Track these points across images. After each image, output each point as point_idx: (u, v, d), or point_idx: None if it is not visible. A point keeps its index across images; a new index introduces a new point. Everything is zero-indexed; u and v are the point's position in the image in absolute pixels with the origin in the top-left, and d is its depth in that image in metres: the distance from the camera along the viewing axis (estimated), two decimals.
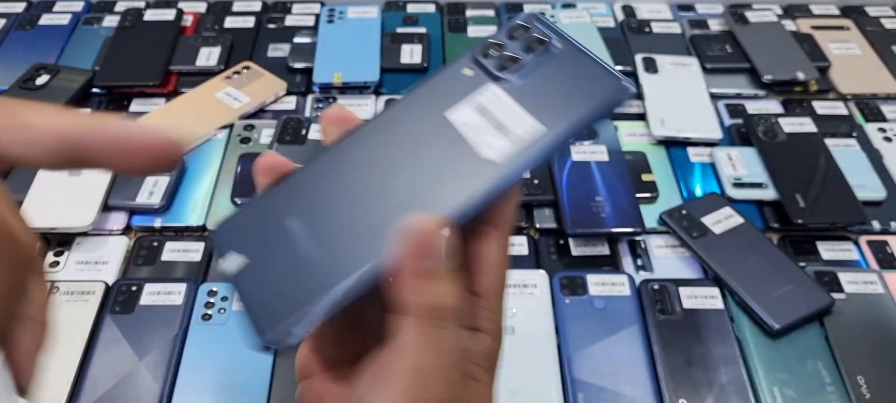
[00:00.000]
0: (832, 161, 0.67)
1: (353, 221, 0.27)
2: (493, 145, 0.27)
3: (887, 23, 0.88)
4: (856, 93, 0.79)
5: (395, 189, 0.27)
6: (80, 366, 0.52)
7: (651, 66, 0.78)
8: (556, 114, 0.27)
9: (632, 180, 0.66)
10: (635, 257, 0.61)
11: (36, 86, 0.73)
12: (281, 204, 0.28)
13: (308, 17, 0.86)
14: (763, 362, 0.53)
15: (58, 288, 0.56)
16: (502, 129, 0.27)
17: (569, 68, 0.28)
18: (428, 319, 0.24)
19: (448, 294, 0.24)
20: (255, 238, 0.28)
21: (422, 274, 0.24)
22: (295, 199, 0.28)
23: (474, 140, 0.27)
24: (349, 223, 0.27)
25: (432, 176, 0.27)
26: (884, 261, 0.61)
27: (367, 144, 0.28)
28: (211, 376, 0.52)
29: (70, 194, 0.61)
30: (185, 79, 0.77)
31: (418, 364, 0.23)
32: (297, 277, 0.26)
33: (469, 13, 0.88)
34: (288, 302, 0.26)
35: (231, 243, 0.28)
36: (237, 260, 0.27)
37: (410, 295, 0.24)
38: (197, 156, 0.69)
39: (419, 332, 0.24)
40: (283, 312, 0.26)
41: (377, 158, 0.28)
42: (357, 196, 0.27)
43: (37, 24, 0.84)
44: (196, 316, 0.55)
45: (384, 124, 0.29)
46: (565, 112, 0.27)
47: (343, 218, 0.27)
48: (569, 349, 0.53)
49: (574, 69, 0.28)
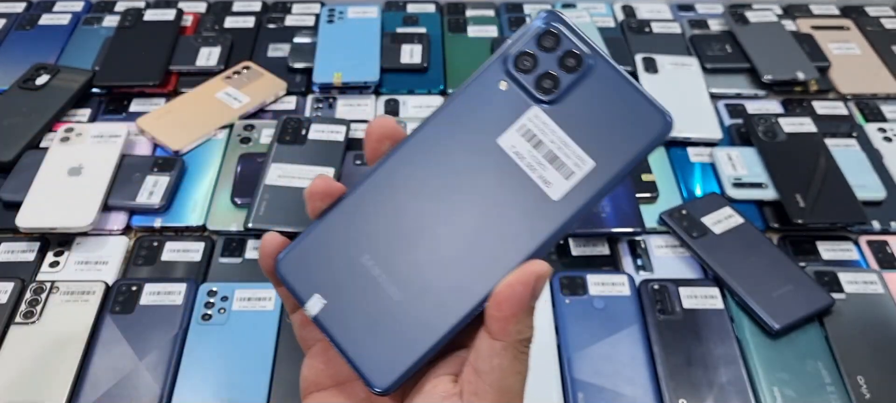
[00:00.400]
0: (832, 161, 0.67)
1: (442, 261, 0.27)
2: (552, 182, 0.27)
3: (887, 23, 0.88)
4: (856, 93, 0.79)
5: (476, 227, 0.27)
6: (80, 366, 0.52)
7: (651, 66, 0.78)
8: (604, 146, 0.27)
9: (632, 180, 0.66)
10: (635, 257, 0.61)
11: (36, 86, 0.73)
12: (350, 236, 0.28)
13: (308, 17, 0.86)
14: (763, 362, 0.53)
15: (58, 288, 0.56)
16: (556, 163, 0.27)
17: (607, 91, 0.28)
18: (520, 347, 0.27)
19: (532, 326, 0.27)
20: (331, 274, 0.28)
21: (528, 312, 0.27)
22: (364, 232, 0.28)
23: (534, 174, 0.27)
24: (437, 263, 0.27)
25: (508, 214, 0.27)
26: (884, 261, 0.61)
27: (423, 169, 0.28)
28: (211, 376, 0.52)
29: (70, 194, 0.61)
30: (185, 79, 0.77)
31: (511, 385, 0.26)
32: (396, 322, 0.27)
33: (469, 13, 0.88)
34: (394, 350, 0.27)
35: (303, 277, 0.28)
36: (316, 302, 0.28)
37: (513, 328, 0.26)
38: (197, 155, 0.69)
39: (513, 358, 0.26)
40: (394, 362, 0.27)
41: (440, 187, 0.28)
42: (436, 232, 0.28)
43: (37, 24, 0.84)
44: (196, 316, 0.55)
45: (434, 145, 0.28)
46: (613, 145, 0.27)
47: (428, 257, 0.27)
48: (569, 349, 0.53)
49: (612, 92, 0.27)
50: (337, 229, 0.28)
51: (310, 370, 0.30)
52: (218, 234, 0.62)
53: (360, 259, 0.28)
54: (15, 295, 0.56)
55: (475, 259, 0.27)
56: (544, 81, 0.28)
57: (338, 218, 0.28)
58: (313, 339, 0.31)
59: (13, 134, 0.68)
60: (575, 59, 0.28)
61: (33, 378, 0.51)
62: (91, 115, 0.74)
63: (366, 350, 0.27)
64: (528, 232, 0.27)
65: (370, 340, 0.27)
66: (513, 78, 0.28)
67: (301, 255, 0.28)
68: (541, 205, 0.27)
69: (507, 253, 0.27)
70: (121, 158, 0.65)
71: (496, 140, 0.28)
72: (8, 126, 0.69)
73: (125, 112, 0.74)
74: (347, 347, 0.27)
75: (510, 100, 0.28)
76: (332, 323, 0.28)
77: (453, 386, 0.27)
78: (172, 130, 0.70)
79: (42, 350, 0.53)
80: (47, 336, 0.53)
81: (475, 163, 0.28)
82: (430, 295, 0.27)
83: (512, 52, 0.28)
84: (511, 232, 0.27)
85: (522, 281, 0.26)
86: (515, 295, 0.26)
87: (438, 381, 0.27)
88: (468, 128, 0.28)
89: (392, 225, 0.28)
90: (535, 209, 0.27)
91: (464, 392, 0.26)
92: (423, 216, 0.28)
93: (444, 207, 0.28)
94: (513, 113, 0.28)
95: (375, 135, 0.29)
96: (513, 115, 0.28)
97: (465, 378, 0.27)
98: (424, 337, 0.27)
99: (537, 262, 0.27)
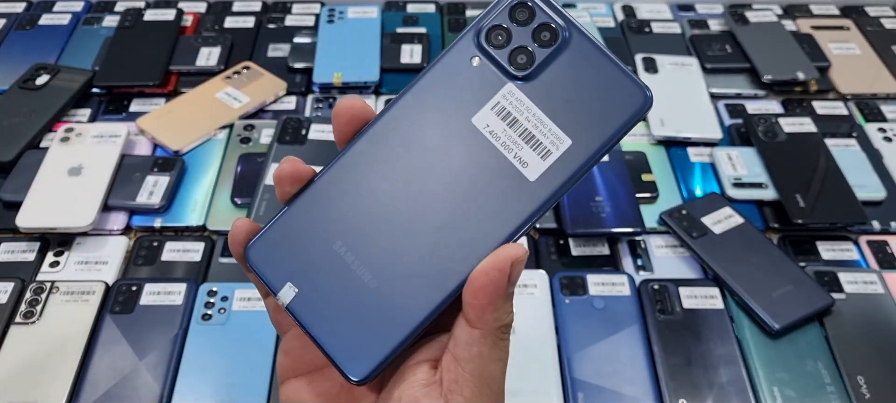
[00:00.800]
0: (832, 161, 0.67)
1: (417, 246, 0.27)
2: (528, 162, 0.26)
3: (887, 23, 0.88)
4: (856, 93, 0.79)
5: (451, 210, 0.27)
6: (80, 366, 0.52)
7: (651, 66, 0.78)
8: (581, 123, 0.26)
9: (632, 180, 0.66)
10: (635, 257, 0.61)
11: (36, 86, 0.73)
12: (321, 222, 0.27)
13: (308, 17, 0.86)
14: (763, 362, 0.53)
15: (58, 288, 0.56)
16: (532, 142, 0.26)
17: (584, 66, 0.26)
18: (499, 333, 0.26)
19: (511, 312, 0.27)
20: (302, 262, 0.27)
21: (505, 298, 0.26)
22: (336, 217, 0.27)
23: (510, 155, 0.26)
24: (412, 248, 0.27)
25: (483, 196, 0.26)
26: (884, 261, 0.61)
27: (395, 150, 0.27)
28: (211, 376, 0.52)
29: (70, 194, 0.61)
30: (185, 79, 0.77)
31: (491, 372, 0.26)
32: (371, 310, 0.26)
33: (469, 13, 0.88)
34: (370, 338, 0.26)
35: (273, 265, 0.27)
36: (288, 291, 0.27)
37: (491, 316, 0.26)
38: (197, 155, 0.69)
39: (492, 345, 0.26)
40: (370, 352, 0.26)
41: (413, 169, 0.27)
42: (409, 216, 0.27)
43: (37, 24, 0.84)
44: (196, 316, 0.55)
45: (406, 125, 0.27)
46: (590, 123, 0.26)
47: (403, 242, 0.27)
48: (569, 349, 0.53)
49: (589, 67, 0.26)
50: (307, 214, 0.28)
51: (286, 356, 0.30)
52: (218, 234, 0.62)
53: (332, 245, 0.27)
54: (15, 295, 0.56)
55: (450, 243, 0.26)
56: (518, 56, 0.27)
57: (308, 202, 0.28)
58: (289, 323, 0.30)
59: (13, 134, 0.68)
60: (550, 33, 0.27)
61: (33, 378, 0.51)
62: (91, 115, 0.74)
63: (341, 340, 0.26)
64: (504, 214, 0.26)
65: (345, 329, 0.26)
66: (486, 53, 0.27)
67: (271, 242, 0.28)
68: (517, 187, 0.26)
69: (484, 237, 0.26)
70: (121, 158, 0.65)
71: (470, 119, 0.27)
72: (8, 126, 0.69)
73: (125, 112, 0.74)
74: (322, 337, 0.27)
75: (484, 76, 0.27)
76: (305, 312, 0.27)
77: (433, 374, 0.26)
78: (172, 130, 0.70)
79: (42, 350, 0.53)
80: (47, 336, 0.53)
81: (449, 143, 0.27)
82: (406, 282, 0.26)
83: (484, 26, 0.27)
84: (487, 215, 0.26)
85: (498, 267, 0.25)
86: (491, 283, 0.25)
87: (418, 368, 0.27)
88: (441, 107, 0.27)
89: (364, 210, 0.27)
90: (512, 190, 0.26)
91: (444, 380, 0.26)
92: (396, 199, 0.27)
93: (417, 190, 0.27)
94: (487, 90, 0.27)
95: (344, 116, 0.28)
96: (487, 93, 0.27)
97: (445, 366, 0.26)
98: (400, 325, 0.26)
99: (513, 246, 0.26)
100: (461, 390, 0.26)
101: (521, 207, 0.26)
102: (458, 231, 0.26)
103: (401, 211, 0.27)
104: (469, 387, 0.26)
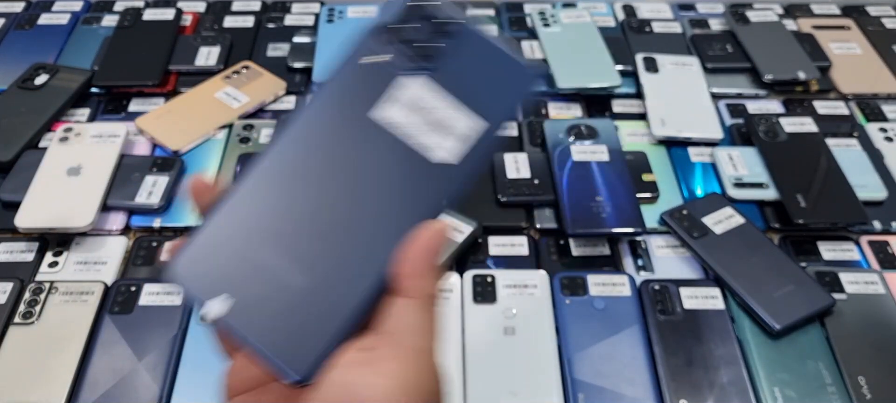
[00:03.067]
0: (833, 161, 0.67)
1: (339, 241, 0.28)
2: (430, 146, 0.28)
3: (888, 22, 0.88)
4: (857, 93, 0.79)
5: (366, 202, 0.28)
6: (79, 366, 0.52)
7: (652, 66, 0.78)
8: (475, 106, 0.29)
9: (632, 180, 0.65)
10: (636, 257, 0.61)
11: (35, 85, 0.73)
12: (243, 230, 0.28)
13: (308, 16, 0.86)
14: (764, 362, 0.53)
15: (57, 289, 0.56)
16: (430, 127, 0.29)
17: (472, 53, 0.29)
18: (428, 303, 0.27)
19: (437, 285, 0.28)
20: (229, 272, 0.27)
21: (432, 267, 0.28)
22: (257, 224, 0.28)
23: (411, 142, 0.28)
24: (335, 243, 0.28)
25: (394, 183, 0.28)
26: (885, 261, 0.61)
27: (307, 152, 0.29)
28: (210, 376, 0.51)
29: (69, 194, 0.61)
30: (185, 79, 0.77)
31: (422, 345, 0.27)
32: (307, 307, 0.27)
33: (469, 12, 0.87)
34: (307, 334, 0.27)
35: (203, 282, 0.27)
36: (223, 303, 0.27)
37: (418, 287, 0.27)
38: (196, 155, 0.69)
39: (422, 315, 0.27)
40: (309, 347, 0.26)
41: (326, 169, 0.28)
42: (328, 214, 0.28)
43: (36, 24, 0.84)
44: (195, 317, 0.55)
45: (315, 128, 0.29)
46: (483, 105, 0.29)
47: (326, 239, 0.28)
48: (569, 349, 0.53)
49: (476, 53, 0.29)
50: (228, 225, 0.28)
51: (229, 376, 0.29)
52: None
53: (257, 251, 0.27)
54: (14, 295, 0.55)
55: (371, 232, 0.28)
56: (411, 50, 0.29)
57: (228, 213, 0.28)
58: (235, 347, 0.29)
59: (12, 134, 0.68)
60: (437, 27, 0.30)
61: (32, 378, 0.51)
62: (90, 115, 0.73)
63: (278, 343, 0.26)
64: (415, 197, 0.28)
65: (280, 331, 0.27)
66: (381, 50, 0.30)
67: (195, 257, 0.28)
68: (424, 170, 0.28)
69: (402, 221, 0.28)
70: (120, 158, 0.65)
71: (369, 114, 0.29)
72: (7, 126, 0.69)
73: (124, 112, 0.74)
74: (258, 342, 0.27)
75: (379, 73, 0.29)
76: (238, 321, 0.27)
77: (364, 354, 0.26)
78: (172, 130, 0.70)
79: (41, 350, 0.53)
80: (46, 336, 0.53)
81: (354, 140, 0.29)
82: (334, 275, 0.27)
83: (376, 26, 0.30)
84: (400, 201, 0.28)
85: (423, 237, 0.27)
86: (418, 250, 0.27)
87: (346, 351, 0.26)
88: (343, 108, 0.29)
89: (285, 212, 0.28)
90: (418, 174, 0.28)
91: (373, 357, 0.26)
92: (314, 199, 0.28)
93: (332, 188, 0.28)
94: (382, 84, 0.29)
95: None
96: (382, 87, 0.29)
97: (373, 343, 0.26)
98: (334, 317, 0.27)
99: (433, 221, 0.28)
100: (391, 360, 0.26)
101: (430, 188, 0.28)
102: (376, 219, 0.28)
103: (321, 209, 0.28)
104: (399, 358, 0.26)
